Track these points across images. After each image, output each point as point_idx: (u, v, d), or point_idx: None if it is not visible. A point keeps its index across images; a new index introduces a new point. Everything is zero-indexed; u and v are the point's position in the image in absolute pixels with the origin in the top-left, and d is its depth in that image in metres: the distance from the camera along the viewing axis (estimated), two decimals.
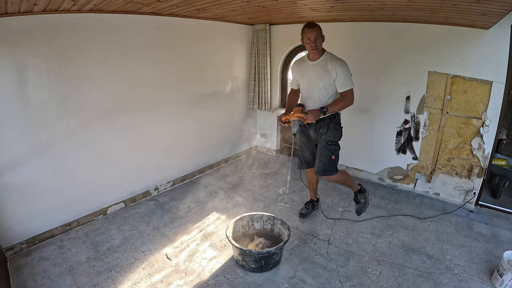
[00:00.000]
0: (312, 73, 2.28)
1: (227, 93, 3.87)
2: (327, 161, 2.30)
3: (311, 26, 2.16)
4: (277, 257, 2.12)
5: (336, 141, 2.33)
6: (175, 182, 3.42)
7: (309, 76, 2.31)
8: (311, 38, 2.16)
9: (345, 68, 2.17)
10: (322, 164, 2.32)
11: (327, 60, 2.21)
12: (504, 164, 3.18)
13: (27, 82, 2.11)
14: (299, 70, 2.40)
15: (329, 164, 2.31)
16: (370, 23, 3.12)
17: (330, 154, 2.30)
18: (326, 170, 2.33)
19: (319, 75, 2.23)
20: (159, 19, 2.80)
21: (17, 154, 2.15)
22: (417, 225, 2.70)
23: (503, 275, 1.92)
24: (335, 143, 2.33)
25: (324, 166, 2.32)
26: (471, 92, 2.76)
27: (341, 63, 2.19)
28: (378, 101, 3.30)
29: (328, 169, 2.33)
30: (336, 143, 2.33)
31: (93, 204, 2.69)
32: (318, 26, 2.17)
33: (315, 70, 2.25)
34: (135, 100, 2.81)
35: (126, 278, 2.03)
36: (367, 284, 2.01)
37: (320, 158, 2.33)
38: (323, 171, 2.34)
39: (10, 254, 2.23)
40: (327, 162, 2.31)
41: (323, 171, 2.34)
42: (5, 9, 1.81)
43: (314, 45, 2.18)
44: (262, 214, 2.41)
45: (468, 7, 1.95)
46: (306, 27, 2.17)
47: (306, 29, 2.17)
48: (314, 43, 2.17)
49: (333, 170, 2.36)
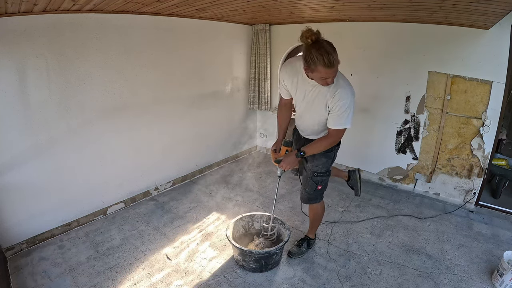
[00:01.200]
0: (310, 94, 1.79)
1: (227, 93, 3.87)
2: (311, 191, 2.04)
3: (331, 64, 1.50)
4: (277, 257, 2.12)
5: (324, 171, 1.98)
6: (175, 182, 3.42)
7: (306, 96, 1.82)
8: (329, 78, 1.59)
9: (345, 102, 1.67)
10: (306, 194, 2.07)
11: (329, 87, 1.70)
12: (504, 164, 3.18)
13: (27, 82, 2.11)
14: (292, 81, 1.85)
15: (314, 194, 2.06)
16: (370, 23, 3.12)
17: (316, 185, 2.01)
18: (311, 199, 2.09)
19: (318, 101, 1.77)
20: (159, 19, 2.80)
21: (17, 154, 2.15)
22: (417, 225, 2.70)
23: (503, 275, 1.92)
24: (322, 173, 1.98)
25: (309, 196, 2.07)
26: (471, 92, 2.76)
27: (344, 95, 1.67)
28: (378, 101, 3.30)
29: (313, 198, 2.08)
30: (324, 173, 1.99)
31: (93, 204, 2.69)
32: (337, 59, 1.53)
33: (315, 91, 1.77)
34: (135, 100, 2.81)
35: (126, 278, 2.03)
36: (367, 284, 2.01)
37: (305, 188, 2.07)
38: (307, 200, 2.10)
39: (10, 254, 2.23)
40: (312, 192, 2.05)
41: (308, 200, 2.09)
42: (5, 9, 1.80)
43: (328, 83, 1.64)
44: (262, 214, 2.41)
45: (468, 7, 1.95)
46: (326, 67, 1.51)
47: (326, 70, 1.52)
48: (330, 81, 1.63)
49: (319, 198, 2.10)
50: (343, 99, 1.67)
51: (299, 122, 2.04)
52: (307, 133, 2.01)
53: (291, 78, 1.85)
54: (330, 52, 1.49)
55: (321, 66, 1.51)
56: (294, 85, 1.85)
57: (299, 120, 2.03)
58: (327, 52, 1.49)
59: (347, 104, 1.68)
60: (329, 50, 1.49)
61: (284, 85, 1.92)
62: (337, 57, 1.53)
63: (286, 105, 2.09)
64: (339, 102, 1.68)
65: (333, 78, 1.62)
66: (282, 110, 2.11)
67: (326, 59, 1.49)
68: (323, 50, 1.49)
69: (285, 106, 2.09)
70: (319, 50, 1.49)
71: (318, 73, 1.57)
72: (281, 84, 1.95)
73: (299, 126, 2.08)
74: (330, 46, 1.52)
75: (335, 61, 1.51)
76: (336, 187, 3.38)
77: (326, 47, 1.50)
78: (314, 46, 1.51)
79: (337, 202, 3.08)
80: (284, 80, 1.90)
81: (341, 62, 1.57)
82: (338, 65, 1.55)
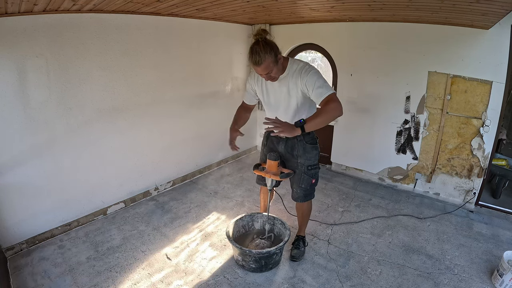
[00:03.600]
0: (279, 94, 1.85)
1: (227, 93, 3.87)
2: (308, 186, 2.03)
3: (256, 63, 1.63)
4: (277, 257, 2.12)
5: (316, 163, 2.01)
6: (175, 182, 3.42)
7: (276, 97, 1.88)
8: (262, 74, 1.72)
9: (313, 73, 1.70)
10: (302, 191, 2.04)
11: (293, 73, 1.76)
12: (504, 164, 3.18)
13: (27, 82, 2.11)
14: (261, 89, 1.93)
15: (310, 189, 2.06)
16: (370, 23, 3.12)
17: (311, 179, 2.01)
18: (307, 196, 2.07)
19: (287, 94, 1.82)
20: (159, 19, 2.80)
21: (17, 154, 2.15)
22: (417, 225, 2.70)
23: (503, 275, 1.92)
24: (315, 166, 2.01)
25: (305, 192, 2.05)
26: (471, 92, 2.76)
27: (308, 70, 1.72)
28: (378, 101, 3.30)
29: (308, 194, 2.08)
30: (316, 165, 2.02)
31: (93, 204, 2.69)
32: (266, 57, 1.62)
33: (282, 90, 1.83)
34: (135, 100, 2.81)
35: (126, 278, 2.03)
36: (367, 284, 2.01)
37: (300, 185, 2.03)
38: (304, 197, 2.07)
39: (10, 254, 2.23)
40: (308, 187, 2.04)
41: (304, 197, 2.07)
42: (5, 9, 1.80)
43: (269, 78, 1.75)
44: (262, 214, 2.41)
45: (468, 7, 1.95)
46: (254, 65, 1.66)
47: (255, 67, 1.67)
48: (269, 77, 1.74)
49: (313, 193, 2.11)
50: (310, 73, 1.71)
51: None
52: None
53: (259, 86, 1.94)
54: (258, 51, 1.61)
55: (251, 63, 1.67)
56: (264, 91, 1.93)
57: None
58: (256, 51, 1.62)
59: (315, 74, 1.71)
60: (257, 50, 1.62)
61: (253, 91, 2.02)
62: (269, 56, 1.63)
63: (247, 110, 2.18)
64: (308, 78, 1.70)
65: (268, 75, 1.71)
66: (241, 110, 2.18)
67: (253, 58, 1.64)
68: (253, 50, 1.63)
69: (245, 109, 2.17)
70: (251, 49, 1.65)
71: (254, 69, 1.72)
72: (248, 92, 2.06)
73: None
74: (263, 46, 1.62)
75: (262, 59, 1.61)
76: (336, 187, 3.38)
77: (256, 48, 1.62)
78: (252, 44, 1.67)
79: (337, 202, 3.08)
80: (253, 87, 2.00)
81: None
82: (269, 63, 1.64)
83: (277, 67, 1.71)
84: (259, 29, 1.69)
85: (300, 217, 2.28)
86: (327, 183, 3.49)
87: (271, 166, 1.94)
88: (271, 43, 1.67)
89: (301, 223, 2.31)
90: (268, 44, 1.64)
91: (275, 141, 2.07)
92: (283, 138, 1.99)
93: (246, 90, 2.08)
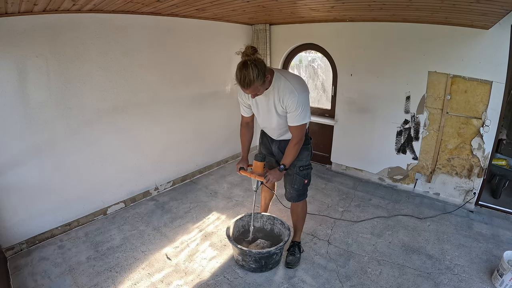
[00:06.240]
0: (265, 105, 1.89)
1: (227, 93, 3.87)
2: (300, 187, 2.07)
3: (244, 86, 1.63)
4: (277, 257, 2.12)
5: (308, 164, 2.06)
6: (175, 182, 3.42)
7: (262, 107, 1.93)
8: (249, 94, 1.76)
9: (294, 100, 1.74)
10: (295, 191, 2.09)
11: (278, 90, 1.78)
12: (504, 164, 3.18)
13: (27, 82, 2.11)
14: (249, 99, 1.98)
15: (303, 189, 2.10)
16: (370, 23, 3.12)
17: (303, 179, 2.06)
18: (300, 196, 2.11)
19: (272, 107, 1.86)
20: (159, 19, 2.80)
21: (17, 154, 2.15)
22: (417, 225, 2.70)
23: (503, 275, 1.92)
24: (307, 166, 2.06)
25: (298, 192, 2.09)
26: (471, 92, 2.76)
27: (290, 95, 1.74)
28: (378, 101, 3.30)
29: (301, 194, 2.12)
30: (308, 166, 2.06)
31: (93, 204, 2.69)
32: (255, 82, 1.61)
33: (268, 103, 1.87)
34: (135, 100, 2.81)
35: (126, 278, 2.03)
36: (367, 284, 2.01)
37: (292, 185, 2.07)
38: (297, 197, 2.11)
39: (10, 254, 2.23)
40: (301, 188, 2.08)
41: (297, 197, 2.11)
42: (5, 9, 1.81)
43: (254, 96, 1.78)
44: (262, 214, 2.42)
45: (468, 7, 1.95)
46: (240, 86, 1.66)
47: (243, 89, 1.67)
48: (255, 95, 1.77)
49: (306, 193, 2.15)
50: (291, 98, 1.74)
51: (265, 130, 2.14)
52: (277, 136, 2.06)
53: (250, 100, 1.97)
54: (245, 75, 1.58)
55: (239, 84, 1.65)
56: (254, 104, 1.97)
57: (265, 129, 2.13)
58: (243, 76, 1.58)
59: (297, 101, 1.74)
60: (245, 74, 1.58)
61: (245, 104, 2.05)
62: (257, 81, 1.60)
63: (248, 124, 2.18)
64: (288, 101, 1.75)
65: (254, 93, 1.72)
66: (244, 130, 2.19)
67: (241, 81, 1.61)
68: (242, 73, 1.59)
69: (247, 125, 2.18)
70: (239, 71, 1.60)
71: (240, 88, 1.69)
72: (242, 105, 2.08)
73: (268, 132, 2.13)
74: (252, 70, 1.57)
75: (250, 84, 1.59)
76: (336, 187, 3.38)
77: (244, 72, 1.58)
78: (239, 65, 1.61)
79: (337, 202, 3.08)
80: (245, 101, 2.03)
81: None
82: (256, 85, 1.62)
83: (264, 86, 1.73)
84: (248, 48, 1.63)
85: (295, 220, 2.26)
86: (327, 183, 3.49)
87: (257, 167, 2.00)
88: (260, 64, 1.61)
89: (296, 227, 2.29)
90: (256, 67, 1.59)
91: (269, 140, 2.16)
92: (275, 141, 2.10)
93: (240, 104, 2.11)
